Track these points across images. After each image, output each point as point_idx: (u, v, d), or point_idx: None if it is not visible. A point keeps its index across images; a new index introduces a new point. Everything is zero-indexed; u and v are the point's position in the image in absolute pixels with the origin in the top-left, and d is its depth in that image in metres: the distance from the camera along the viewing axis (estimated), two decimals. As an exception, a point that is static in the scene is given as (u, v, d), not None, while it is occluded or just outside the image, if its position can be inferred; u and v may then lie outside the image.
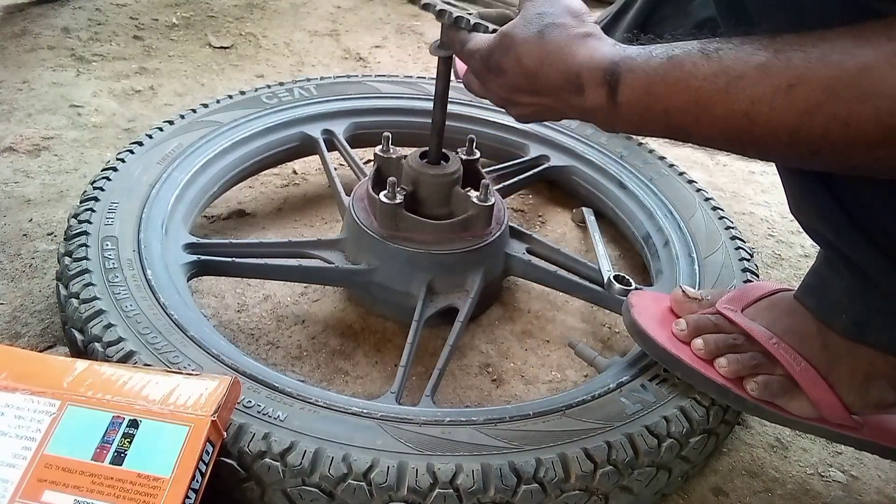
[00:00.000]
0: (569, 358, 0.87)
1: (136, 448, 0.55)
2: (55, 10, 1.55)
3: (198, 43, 1.51)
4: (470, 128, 1.05)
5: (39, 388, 0.59)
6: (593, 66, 0.56)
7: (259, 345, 0.85)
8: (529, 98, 0.63)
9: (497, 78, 0.63)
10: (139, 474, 0.54)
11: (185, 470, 0.54)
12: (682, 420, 0.67)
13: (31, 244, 0.94)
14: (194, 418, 0.56)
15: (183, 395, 0.58)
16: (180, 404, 0.58)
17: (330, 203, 1.08)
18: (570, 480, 0.61)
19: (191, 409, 0.57)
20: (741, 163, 1.32)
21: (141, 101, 1.29)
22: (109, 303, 0.70)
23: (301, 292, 0.92)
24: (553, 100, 0.61)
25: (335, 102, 1.07)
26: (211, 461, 0.56)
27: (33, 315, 0.84)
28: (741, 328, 0.69)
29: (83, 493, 0.53)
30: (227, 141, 0.96)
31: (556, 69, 0.58)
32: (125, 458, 0.54)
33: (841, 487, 0.75)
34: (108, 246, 0.77)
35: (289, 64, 1.48)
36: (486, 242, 0.84)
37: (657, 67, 0.53)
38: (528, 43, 0.60)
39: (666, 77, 0.53)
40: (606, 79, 0.56)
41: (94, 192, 0.84)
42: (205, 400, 0.58)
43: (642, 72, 0.54)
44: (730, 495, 0.73)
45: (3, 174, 1.06)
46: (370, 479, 0.58)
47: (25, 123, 1.18)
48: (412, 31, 1.69)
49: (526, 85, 0.61)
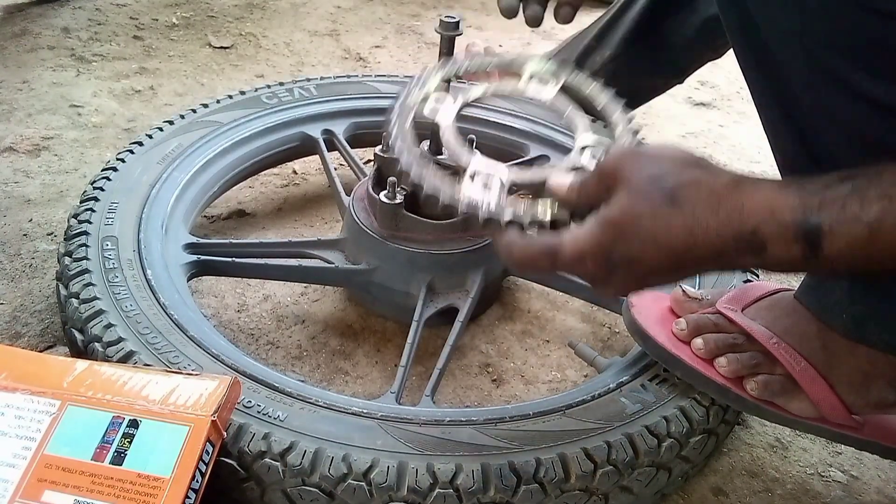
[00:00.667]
0: (569, 358, 0.87)
1: (136, 448, 0.55)
2: (55, 10, 1.54)
3: (198, 43, 1.51)
4: (470, 128, 1.05)
5: (39, 388, 0.59)
6: (775, 221, 0.48)
7: (259, 345, 0.85)
8: (671, 276, 0.53)
9: (627, 271, 0.52)
10: (139, 474, 0.54)
11: (185, 470, 0.54)
12: (682, 420, 0.67)
13: (31, 244, 0.94)
14: (194, 418, 0.56)
15: (183, 395, 0.58)
16: (180, 404, 0.58)
17: (330, 203, 1.08)
18: (570, 480, 0.61)
19: (191, 409, 0.57)
20: (741, 163, 1.32)
21: (141, 101, 1.29)
22: (109, 303, 0.70)
23: (301, 292, 0.92)
24: (706, 267, 0.53)
25: (335, 102, 1.07)
26: (211, 461, 0.56)
27: (33, 315, 0.84)
28: (741, 328, 0.69)
29: (83, 493, 0.53)
30: (227, 141, 0.96)
31: (718, 235, 0.48)
32: (125, 458, 0.54)
33: (841, 487, 0.75)
34: (108, 246, 0.77)
35: (289, 64, 1.48)
36: (486, 242, 0.84)
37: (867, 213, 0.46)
38: (662, 218, 0.49)
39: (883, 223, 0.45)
40: (801, 234, 0.47)
41: (94, 192, 0.84)
42: (205, 400, 0.58)
43: (851, 222, 0.46)
44: (730, 495, 0.73)
45: (3, 174, 1.06)
46: (370, 479, 0.58)
47: (25, 123, 1.18)
48: (412, 31, 1.69)
49: (671, 265, 0.51)
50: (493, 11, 1.82)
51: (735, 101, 1.51)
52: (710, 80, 1.57)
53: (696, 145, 1.37)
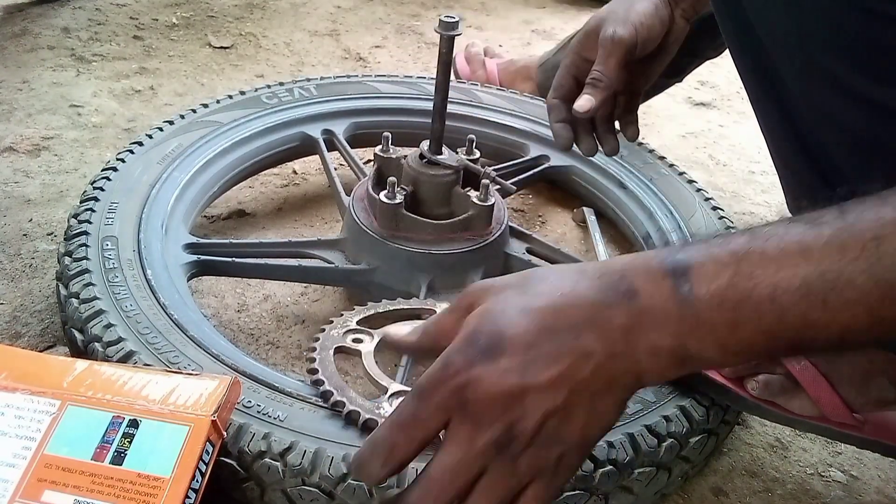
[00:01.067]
0: (569, 358, 0.87)
1: (136, 448, 0.55)
2: (55, 10, 1.54)
3: (198, 43, 1.51)
4: (470, 128, 1.05)
5: (39, 388, 0.59)
6: (644, 266, 0.44)
7: (259, 345, 0.85)
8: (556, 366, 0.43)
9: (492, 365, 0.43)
10: (139, 474, 0.54)
11: (186, 470, 0.54)
12: (682, 420, 0.67)
13: (31, 244, 0.94)
14: (194, 418, 0.56)
15: (183, 395, 0.58)
16: (180, 404, 0.57)
17: (330, 203, 1.08)
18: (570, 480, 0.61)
19: (191, 409, 0.57)
20: (741, 163, 1.32)
21: (141, 101, 1.29)
22: (109, 303, 0.70)
23: (301, 292, 0.92)
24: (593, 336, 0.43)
25: (335, 102, 1.07)
26: (211, 461, 0.56)
27: (33, 315, 0.84)
28: (741, 328, 0.69)
29: (83, 493, 0.53)
30: (227, 141, 0.96)
31: (587, 289, 0.44)
32: (125, 458, 0.54)
33: (841, 487, 0.75)
34: (108, 246, 0.77)
35: (289, 64, 1.48)
36: (486, 242, 0.84)
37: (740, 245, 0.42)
38: (512, 289, 0.45)
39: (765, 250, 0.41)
40: (668, 270, 0.43)
41: (94, 192, 0.84)
42: (205, 400, 0.58)
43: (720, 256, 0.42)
44: (730, 495, 0.73)
45: (3, 174, 1.06)
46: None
47: (25, 123, 1.18)
48: (412, 31, 1.69)
49: (547, 337, 0.44)
50: (493, 11, 1.83)
51: (735, 101, 1.51)
52: (710, 80, 1.57)
53: (696, 145, 1.37)
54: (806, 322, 0.40)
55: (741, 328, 0.42)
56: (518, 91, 1.18)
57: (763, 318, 0.41)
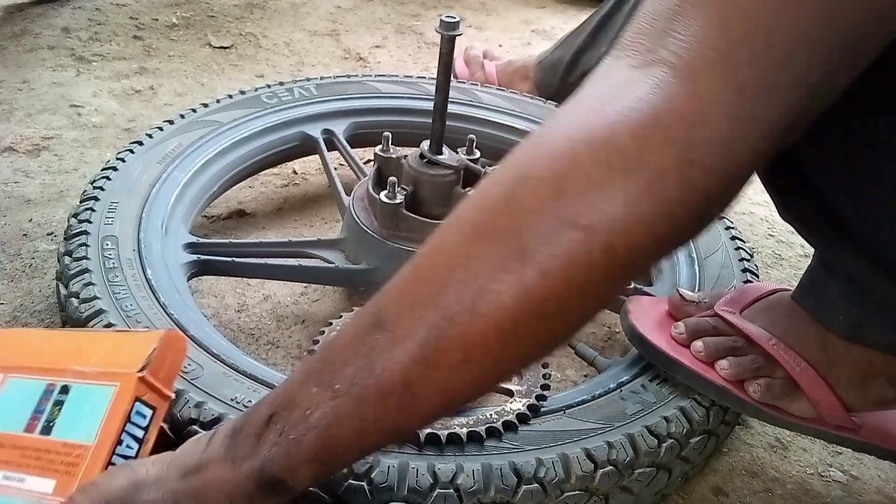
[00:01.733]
0: (569, 358, 0.87)
1: (65, 415, 0.51)
2: (55, 10, 1.55)
3: (198, 43, 1.51)
4: (470, 128, 1.05)
5: None
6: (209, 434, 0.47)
7: (259, 345, 0.85)
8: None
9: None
10: (64, 443, 0.50)
11: (109, 434, 0.49)
12: (682, 420, 0.67)
13: (31, 244, 0.94)
14: (121, 375, 0.51)
15: (123, 354, 0.53)
16: (111, 363, 0.52)
17: (330, 203, 1.08)
18: (571, 480, 0.61)
19: (120, 366, 0.51)
20: (741, 163, 1.32)
21: (141, 101, 1.29)
22: (109, 302, 0.70)
23: (301, 292, 0.92)
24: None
25: (335, 102, 1.07)
26: (152, 426, 0.51)
27: (33, 315, 0.84)
28: (740, 330, 0.69)
29: (12, 467, 0.50)
30: (227, 140, 0.96)
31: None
32: (53, 428, 0.51)
33: (841, 487, 0.75)
34: (108, 245, 0.77)
35: (289, 64, 1.48)
36: (486, 242, 0.84)
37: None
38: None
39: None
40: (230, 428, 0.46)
41: (94, 192, 0.84)
42: (136, 356, 0.52)
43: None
44: (730, 495, 0.73)
45: (3, 174, 1.06)
46: (370, 478, 0.58)
47: (25, 123, 1.18)
48: (412, 31, 1.69)
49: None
50: (493, 11, 1.83)
51: (735, 101, 1.51)
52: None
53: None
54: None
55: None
56: (517, 91, 1.18)
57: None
